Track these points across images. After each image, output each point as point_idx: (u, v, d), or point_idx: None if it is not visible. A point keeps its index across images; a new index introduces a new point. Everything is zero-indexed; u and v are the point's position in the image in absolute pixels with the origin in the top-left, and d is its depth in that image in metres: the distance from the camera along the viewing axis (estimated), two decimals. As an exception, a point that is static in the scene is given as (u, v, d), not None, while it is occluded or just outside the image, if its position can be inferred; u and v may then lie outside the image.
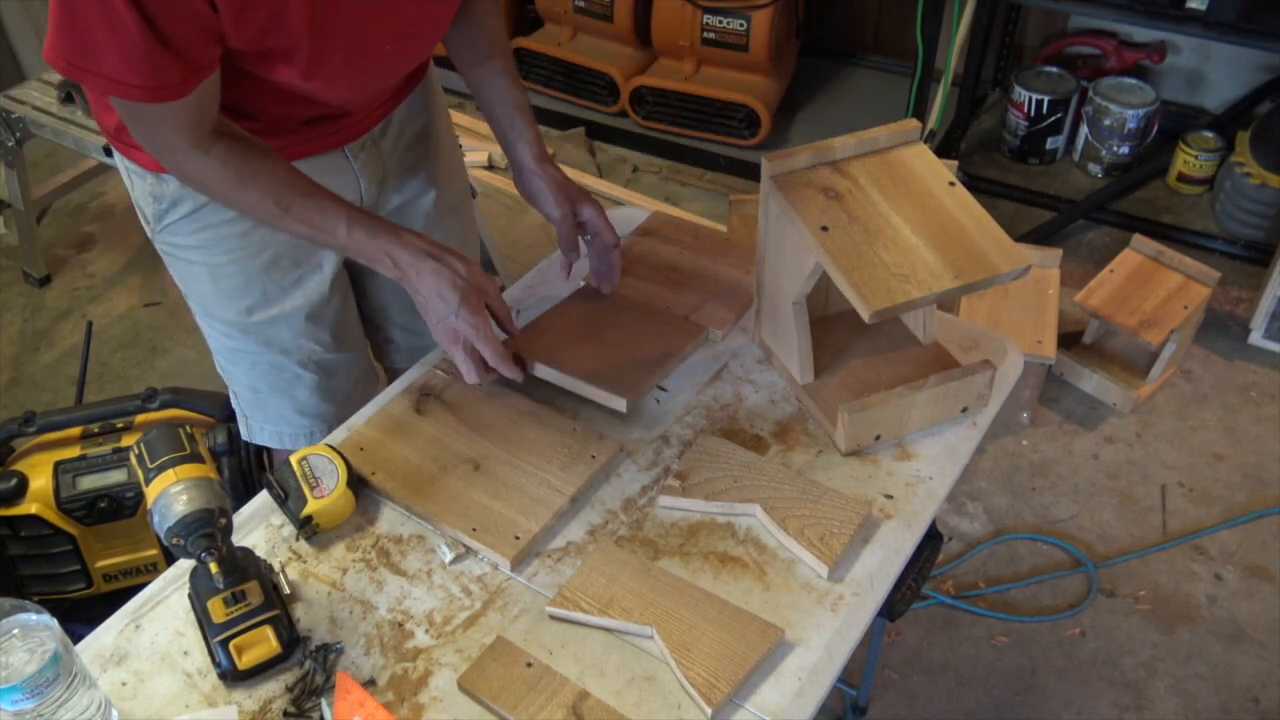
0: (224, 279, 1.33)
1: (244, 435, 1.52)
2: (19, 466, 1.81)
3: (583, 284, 1.39)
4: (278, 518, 1.15)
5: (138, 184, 1.29)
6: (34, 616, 0.87)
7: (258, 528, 1.14)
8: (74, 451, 1.83)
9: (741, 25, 3.07)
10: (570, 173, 3.14)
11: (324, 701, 0.98)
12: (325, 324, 1.41)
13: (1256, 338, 2.56)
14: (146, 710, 0.98)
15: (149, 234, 1.34)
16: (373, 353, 1.63)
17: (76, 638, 0.99)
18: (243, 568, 1.02)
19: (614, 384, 1.22)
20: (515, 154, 1.30)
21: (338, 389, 1.48)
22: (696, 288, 1.39)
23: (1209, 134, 2.87)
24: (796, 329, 1.21)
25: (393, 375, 1.61)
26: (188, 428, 1.01)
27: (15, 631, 0.87)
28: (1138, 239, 2.47)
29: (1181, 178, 2.93)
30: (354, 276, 1.49)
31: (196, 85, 1.02)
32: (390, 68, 1.26)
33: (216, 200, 1.21)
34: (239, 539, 1.09)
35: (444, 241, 1.52)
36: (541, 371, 1.25)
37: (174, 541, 0.96)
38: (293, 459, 1.13)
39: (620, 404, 1.21)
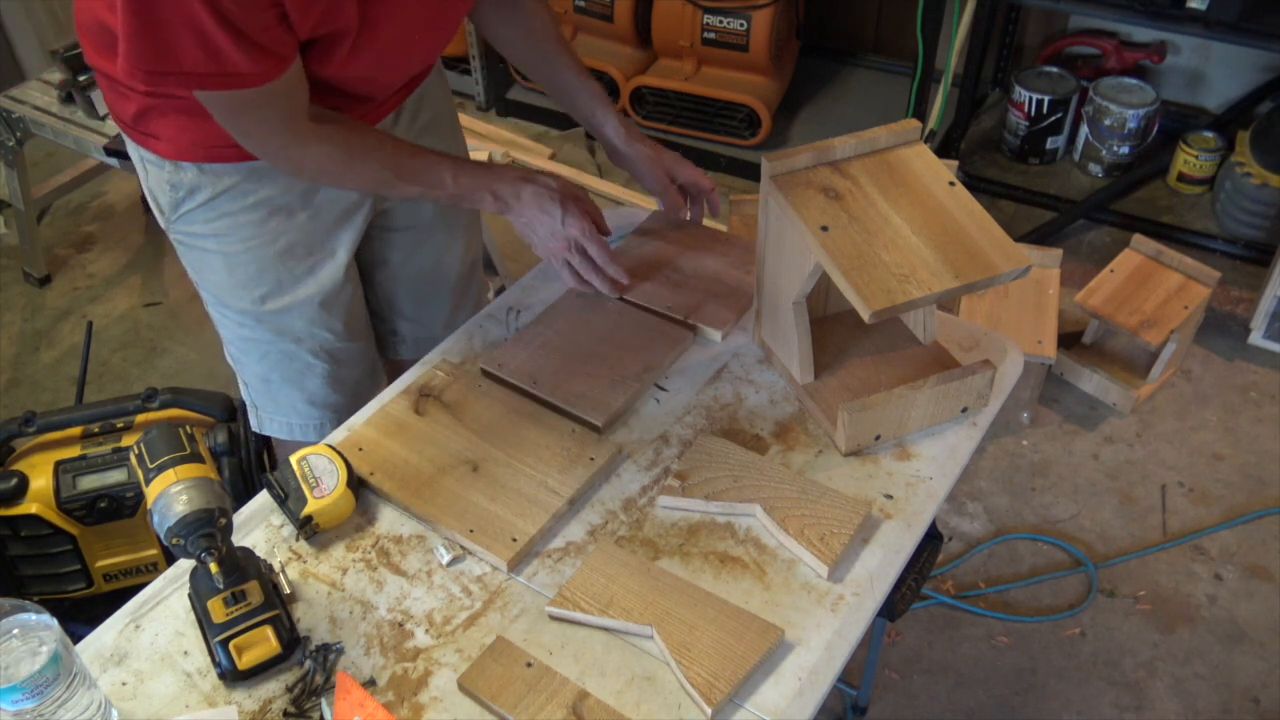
0: (239, 268, 1.34)
1: (253, 426, 1.53)
2: (19, 466, 1.81)
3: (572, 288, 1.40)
4: (278, 518, 1.15)
5: (153, 173, 1.28)
6: (34, 616, 0.87)
7: (258, 528, 1.14)
8: (74, 451, 1.83)
9: (741, 25, 3.07)
10: (569, 173, 3.18)
11: (324, 701, 0.98)
12: (338, 312, 1.43)
13: (1256, 338, 2.56)
14: (146, 710, 0.98)
15: (163, 224, 1.34)
16: (375, 346, 1.63)
17: (76, 638, 0.99)
18: (243, 568, 1.02)
19: (591, 404, 1.24)
20: (604, 137, 1.44)
21: (348, 379, 1.50)
22: (696, 288, 1.39)
23: (1209, 134, 2.87)
24: (796, 329, 1.21)
25: (394, 368, 1.62)
26: (188, 428, 1.01)
27: (15, 631, 0.87)
28: (1138, 239, 2.47)
29: (1182, 178, 2.92)
30: (362, 268, 1.50)
31: (280, 73, 1.05)
32: (419, 55, 1.31)
33: (327, 183, 1.27)
34: (239, 539, 1.10)
35: (455, 228, 1.57)
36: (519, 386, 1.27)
37: (174, 541, 0.96)
38: (293, 459, 1.13)
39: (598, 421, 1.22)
